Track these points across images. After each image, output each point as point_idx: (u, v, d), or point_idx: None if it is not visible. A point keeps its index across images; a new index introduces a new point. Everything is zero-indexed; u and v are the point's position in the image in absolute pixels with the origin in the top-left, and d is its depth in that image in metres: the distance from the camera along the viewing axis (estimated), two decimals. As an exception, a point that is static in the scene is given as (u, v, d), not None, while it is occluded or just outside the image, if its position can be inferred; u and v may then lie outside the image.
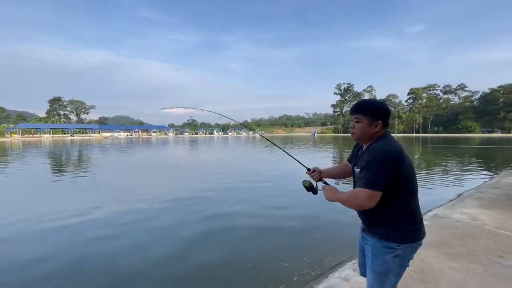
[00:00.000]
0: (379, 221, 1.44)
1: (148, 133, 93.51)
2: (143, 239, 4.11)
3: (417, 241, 1.42)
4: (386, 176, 1.32)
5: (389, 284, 1.45)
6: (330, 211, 5.52)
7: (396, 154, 1.36)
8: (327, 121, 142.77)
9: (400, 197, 1.38)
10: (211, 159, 16.91)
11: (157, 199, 6.35)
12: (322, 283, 2.51)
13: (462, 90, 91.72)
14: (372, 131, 1.49)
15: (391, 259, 1.40)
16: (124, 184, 8.65)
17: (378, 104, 1.53)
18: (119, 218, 5.03)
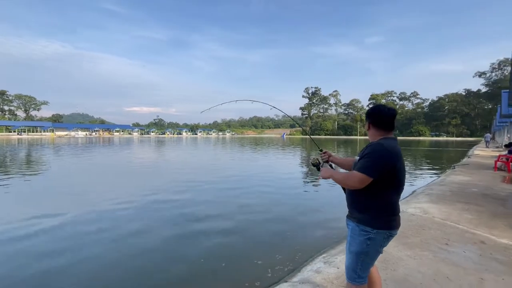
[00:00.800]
0: (363, 208, 1.63)
1: (110, 133, 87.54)
2: (102, 249, 3.77)
3: (390, 230, 1.59)
4: (380, 167, 1.52)
5: (361, 263, 1.63)
6: (298, 210, 5.75)
7: (392, 153, 1.55)
8: (295, 123, 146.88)
9: (386, 191, 1.58)
10: (178, 160, 16.44)
11: (117, 204, 6.02)
12: (296, 276, 2.64)
13: (414, 97, 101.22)
14: (370, 133, 1.73)
15: (365, 241, 1.59)
16: (78, 189, 8.04)
17: (370, 108, 1.75)
18: (70, 228, 4.55)
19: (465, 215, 4.35)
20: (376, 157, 1.54)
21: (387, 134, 1.66)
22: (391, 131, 1.67)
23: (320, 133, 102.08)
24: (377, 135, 1.68)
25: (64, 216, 5.05)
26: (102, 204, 5.96)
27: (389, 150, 1.55)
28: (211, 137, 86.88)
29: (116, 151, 22.98)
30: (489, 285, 2.35)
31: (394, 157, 1.54)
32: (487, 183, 7.17)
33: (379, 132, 1.67)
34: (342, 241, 3.69)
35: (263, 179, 9.58)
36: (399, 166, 1.56)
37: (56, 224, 4.63)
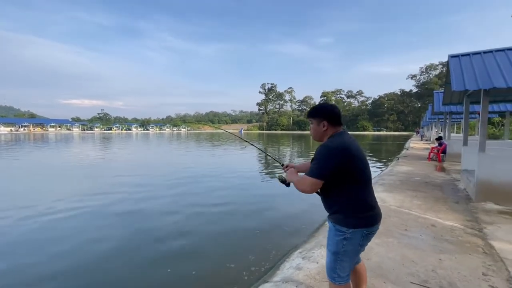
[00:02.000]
0: (333, 208, 1.61)
1: (43, 128, 76.43)
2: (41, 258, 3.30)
3: (366, 228, 1.55)
4: (327, 168, 1.50)
5: (340, 263, 1.61)
6: (263, 207, 5.77)
7: (338, 149, 1.52)
8: (252, 118, 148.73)
9: (347, 187, 1.55)
10: (131, 159, 15.17)
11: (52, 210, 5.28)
12: (276, 275, 2.58)
13: (360, 95, 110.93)
14: (321, 130, 1.67)
15: (341, 241, 1.56)
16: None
17: (321, 106, 1.71)
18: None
19: (415, 202, 4.86)
20: (322, 159, 1.53)
21: (338, 129, 1.67)
22: (340, 125, 1.69)
23: (276, 128, 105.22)
24: (330, 131, 1.66)
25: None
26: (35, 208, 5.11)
27: (336, 148, 1.53)
28: (165, 132, 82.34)
29: (51, 150, 20.16)
30: (446, 264, 2.62)
31: (341, 155, 1.51)
32: (425, 172, 8.19)
33: (334, 129, 1.66)
34: (314, 234, 3.78)
35: (223, 177, 9.41)
36: (353, 159, 1.54)
37: None
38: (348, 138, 1.60)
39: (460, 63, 5.35)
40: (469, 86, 4.68)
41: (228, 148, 21.50)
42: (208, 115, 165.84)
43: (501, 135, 19.61)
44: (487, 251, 2.94)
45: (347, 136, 1.62)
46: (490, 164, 4.77)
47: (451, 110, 11.45)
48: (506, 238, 3.29)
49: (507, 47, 5.28)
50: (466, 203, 4.86)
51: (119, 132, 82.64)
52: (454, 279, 2.35)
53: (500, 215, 4.17)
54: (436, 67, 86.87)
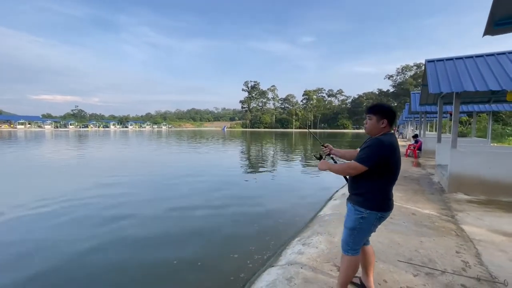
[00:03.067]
0: (358, 190, 1.91)
1: (10, 125, 71.47)
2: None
3: (381, 211, 1.86)
4: (375, 159, 1.78)
5: (353, 238, 1.91)
6: (257, 202, 6.03)
7: (388, 147, 1.80)
8: (235, 116, 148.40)
9: (380, 179, 1.84)
10: (113, 156, 14.81)
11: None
12: (280, 260, 2.84)
13: (340, 94, 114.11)
14: (379, 127, 1.91)
15: (358, 219, 1.87)
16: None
17: (387, 107, 1.95)
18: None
19: (397, 194, 5.32)
20: (372, 150, 1.81)
21: (390, 129, 1.94)
22: (392, 126, 1.96)
23: (260, 126, 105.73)
24: (386, 129, 1.91)
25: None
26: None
27: (386, 145, 1.80)
28: (144, 130, 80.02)
29: (25, 149, 19.11)
30: (426, 245, 3.01)
31: (388, 151, 1.79)
32: (404, 167, 8.82)
33: (389, 128, 1.92)
34: (309, 224, 4.09)
35: (216, 174, 9.56)
36: (394, 158, 1.82)
37: None
38: (396, 139, 1.88)
39: (435, 67, 5.88)
40: (443, 89, 5.20)
41: (212, 146, 21.52)
42: (190, 112, 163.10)
43: (469, 133, 21.28)
44: (459, 233, 3.39)
45: (395, 138, 1.90)
46: (461, 159, 5.34)
47: (426, 110, 12.32)
48: (474, 223, 3.78)
49: (475, 54, 5.89)
50: (440, 194, 5.40)
51: (96, 129, 79.18)
52: (433, 257, 2.74)
53: (469, 203, 4.72)
54: (411, 68, 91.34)
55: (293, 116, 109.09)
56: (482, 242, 3.13)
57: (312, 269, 2.49)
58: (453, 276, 2.39)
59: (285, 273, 2.46)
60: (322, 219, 4.10)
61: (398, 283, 2.28)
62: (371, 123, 1.94)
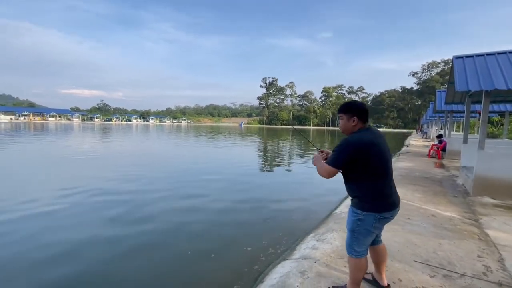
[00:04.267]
0: (352, 194, 1.92)
1: (43, 118, 76.26)
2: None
3: (378, 213, 1.79)
4: (342, 160, 1.77)
5: (355, 240, 1.89)
6: (272, 198, 6.08)
7: (355, 144, 1.76)
8: (253, 112, 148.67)
9: (364, 177, 1.79)
10: (133, 149, 15.43)
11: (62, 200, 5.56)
12: (294, 254, 2.90)
13: (361, 91, 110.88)
14: (350, 125, 1.88)
15: (356, 221, 1.86)
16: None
17: (353, 103, 1.93)
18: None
19: (416, 195, 5.18)
20: (339, 150, 1.79)
21: (365, 125, 1.89)
22: (367, 122, 1.91)
23: (277, 122, 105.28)
24: (358, 126, 1.87)
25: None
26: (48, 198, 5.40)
27: (353, 143, 1.76)
28: (165, 124, 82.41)
29: (57, 139, 20.38)
30: (445, 247, 2.94)
31: (358, 149, 1.74)
32: (425, 168, 8.51)
33: (362, 125, 1.88)
34: (324, 221, 4.09)
35: (231, 168, 9.71)
36: (370, 154, 1.75)
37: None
38: (371, 134, 1.82)
39: (464, 64, 5.59)
40: (472, 87, 4.94)
41: (229, 142, 21.79)
42: (208, 108, 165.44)
43: (500, 134, 19.96)
44: (482, 238, 3.26)
45: (370, 133, 1.83)
46: (488, 161, 5.07)
47: (452, 108, 11.72)
48: (500, 228, 3.61)
49: (509, 50, 5.53)
50: (464, 197, 5.18)
51: (119, 123, 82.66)
52: (452, 259, 2.67)
53: (495, 208, 4.49)
54: (438, 64, 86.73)
55: (311, 113, 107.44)
56: (507, 248, 3.00)
57: (325, 264, 2.52)
58: (472, 280, 2.33)
59: (299, 266, 2.51)
60: (338, 216, 4.09)
61: (413, 282, 2.26)
62: (342, 123, 1.93)
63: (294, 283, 2.21)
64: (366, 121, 1.90)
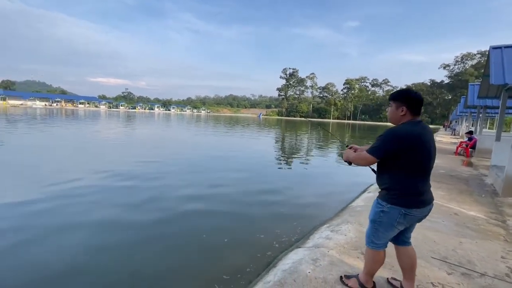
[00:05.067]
0: (382, 185, 1.83)
1: (73, 104, 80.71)
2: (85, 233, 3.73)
3: (405, 208, 1.69)
4: (384, 150, 1.68)
5: (375, 231, 1.83)
6: (287, 189, 6.11)
7: (403, 138, 1.64)
8: (272, 103, 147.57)
9: (400, 172, 1.70)
10: (171, 138, 15.98)
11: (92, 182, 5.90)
12: (308, 243, 2.93)
13: (385, 84, 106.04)
14: (398, 115, 1.76)
15: (379, 212, 1.79)
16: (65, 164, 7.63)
17: (404, 91, 1.78)
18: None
19: (439, 192, 4.97)
20: (383, 140, 1.69)
21: (415, 118, 1.74)
22: (418, 115, 1.75)
23: (296, 114, 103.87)
24: (406, 118, 1.74)
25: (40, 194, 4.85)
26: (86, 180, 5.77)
27: (399, 135, 1.65)
28: (185, 114, 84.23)
29: (88, 125, 21.55)
30: (466, 246, 2.84)
31: (403, 142, 1.64)
32: (451, 166, 8.10)
33: (412, 116, 1.73)
34: (339, 214, 4.08)
35: (249, 158, 9.82)
36: (414, 150, 1.64)
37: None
38: (420, 129, 1.69)
39: (502, 55, 5.18)
40: (509, 80, 4.59)
41: (247, 132, 21.91)
42: (228, 98, 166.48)
43: (539, 133, 18.38)
44: (509, 239, 3.11)
45: (420, 127, 1.70)
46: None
47: (486, 104, 10.93)
48: (529, 230, 3.40)
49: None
50: (492, 197, 4.91)
51: (143, 111, 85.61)
52: (473, 259, 2.58)
53: (526, 210, 4.22)
54: (473, 56, 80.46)
55: (332, 106, 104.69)
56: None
57: (338, 254, 2.54)
58: (493, 280, 2.25)
59: (312, 254, 2.55)
60: (354, 209, 4.06)
61: (428, 278, 2.22)
62: (390, 110, 1.82)
63: (306, 269, 2.25)
64: (418, 114, 1.75)
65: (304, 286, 2.03)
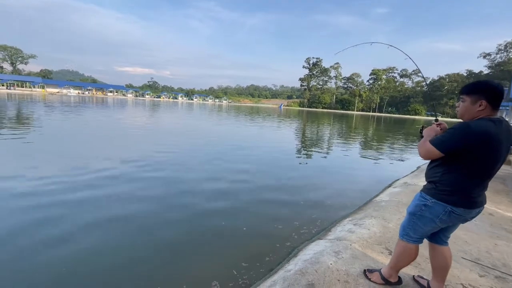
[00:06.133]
0: (431, 179, 1.69)
1: (103, 93, 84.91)
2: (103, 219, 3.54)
3: (451, 205, 1.58)
4: (453, 145, 1.51)
5: (412, 224, 1.75)
6: (307, 181, 6.04)
7: (476, 134, 1.44)
8: (293, 94, 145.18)
9: (461, 171, 1.54)
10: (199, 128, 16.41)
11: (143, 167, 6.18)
12: (329, 235, 2.91)
13: (415, 75, 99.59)
14: (474, 110, 1.54)
15: (420, 206, 1.70)
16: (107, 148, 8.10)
17: (483, 83, 1.55)
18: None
19: (472, 191, 4.68)
20: (452, 135, 1.52)
21: (494, 114, 1.54)
22: (497, 110, 1.55)
23: (318, 106, 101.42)
24: (485, 113, 1.53)
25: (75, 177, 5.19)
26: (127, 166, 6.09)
27: (474, 131, 1.46)
28: (207, 103, 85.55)
29: (120, 112, 22.63)
30: (502, 249, 2.67)
31: (476, 139, 1.45)
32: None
33: (491, 112, 1.53)
34: (362, 208, 3.98)
35: (269, 150, 9.81)
36: (485, 150, 1.47)
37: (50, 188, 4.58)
38: (498, 127, 1.48)
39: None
40: None
41: (268, 123, 21.81)
42: (249, 89, 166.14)
43: None
44: (551, 244, 2.87)
45: (499, 125, 1.49)
46: None
47: (532, 97, 9.91)
48: None
49: None
50: (533, 198, 4.53)
51: (167, 100, 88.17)
52: (509, 262, 2.43)
53: None
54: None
55: (356, 97, 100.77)
56: None
57: (361, 248, 2.50)
58: (531, 286, 2.10)
59: (333, 246, 2.53)
60: (378, 204, 3.94)
61: (458, 278, 2.13)
62: (463, 106, 1.60)
63: (327, 261, 2.25)
64: (497, 109, 1.54)
65: (326, 277, 2.04)
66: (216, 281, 2.35)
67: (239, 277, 2.40)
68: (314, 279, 2.00)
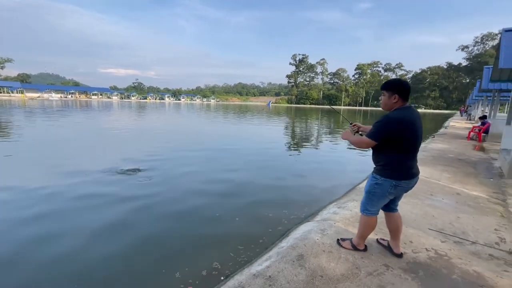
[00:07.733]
0: (378, 163, 2.14)
1: (87, 96, 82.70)
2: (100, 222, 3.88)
3: (395, 180, 2.01)
4: (382, 134, 1.97)
5: (369, 200, 2.17)
6: (295, 173, 6.39)
7: (396, 123, 1.93)
8: (281, 91, 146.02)
9: (393, 151, 2.01)
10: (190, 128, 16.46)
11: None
12: (317, 218, 3.27)
13: (399, 68, 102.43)
14: (391, 102, 2.05)
15: (373, 185, 2.13)
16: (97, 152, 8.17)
17: (395, 82, 2.06)
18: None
19: (444, 174, 5.18)
20: (380, 126, 1.98)
21: (405, 103, 2.02)
22: (407, 101, 2.04)
23: (306, 102, 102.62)
24: (398, 104, 2.01)
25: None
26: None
27: (393, 121, 1.93)
28: (195, 103, 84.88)
29: (105, 116, 22.33)
30: (463, 220, 3.10)
31: (396, 127, 1.92)
32: (461, 150, 8.16)
33: (402, 103, 2.01)
34: (347, 193, 4.37)
35: (257, 145, 10.13)
36: (406, 132, 1.94)
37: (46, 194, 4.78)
38: (409, 113, 1.97)
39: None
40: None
41: (257, 120, 22.13)
42: (237, 87, 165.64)
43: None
44: (505, 215, 3.34)
45: (410, 112, 1.99)
46: (529, 142, 4.83)
47: (501, 87, 10.70)
48: (528, 208, 3.60)
49: None
50: (497, 179, 5.06)
51: (153, 101, 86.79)
52: (467, 230, 2.85)
53: (529, 190, 4.38)
54: (494, 36, 76.05)
55: (343, 92, 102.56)
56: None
57: (344, 225, 2.86)
58: (483, 247, 2.52)
59: (320, 225, 2.89)
60: (361, 190, 4.33)
61: (423, 245, 2.52)
62: (383, 99, 2.09)
63: (314, 237, 2.60)
64: (407, 100, 2.03)
65: (313, 249, 2.39)
66: (217, 262, 2.63)
67: (237, 257, 2.71)
68: (303, 251, 2.35)
